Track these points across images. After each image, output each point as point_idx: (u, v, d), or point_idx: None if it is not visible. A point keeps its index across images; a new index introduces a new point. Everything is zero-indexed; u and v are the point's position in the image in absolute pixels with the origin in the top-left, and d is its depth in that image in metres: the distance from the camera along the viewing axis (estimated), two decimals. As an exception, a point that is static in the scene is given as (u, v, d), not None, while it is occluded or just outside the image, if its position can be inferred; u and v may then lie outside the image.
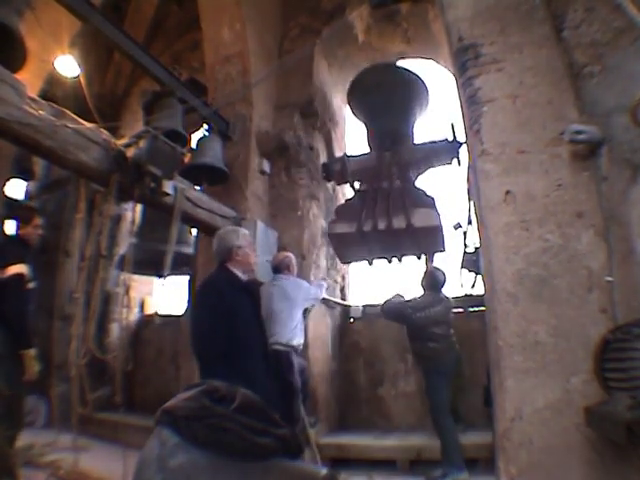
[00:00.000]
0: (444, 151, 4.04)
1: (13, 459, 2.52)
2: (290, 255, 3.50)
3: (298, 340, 3.16)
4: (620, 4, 1.61)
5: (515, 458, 1.57)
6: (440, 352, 3.25)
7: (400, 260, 4.04)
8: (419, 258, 4.00)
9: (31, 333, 2.59)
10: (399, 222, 3.63)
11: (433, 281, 3.49)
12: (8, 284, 2.51)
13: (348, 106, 4.76)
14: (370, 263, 4.14)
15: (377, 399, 4.17)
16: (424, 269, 3.68)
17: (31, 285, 2.70)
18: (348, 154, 4.54)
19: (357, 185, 4.23)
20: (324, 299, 3.84)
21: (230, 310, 2.01)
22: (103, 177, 2.71)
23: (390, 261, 4.04)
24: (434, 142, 4.14)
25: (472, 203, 3.33)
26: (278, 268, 3.41)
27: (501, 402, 1.67)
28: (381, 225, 3.69)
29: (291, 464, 1.05)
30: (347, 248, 3.96)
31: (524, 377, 1.62)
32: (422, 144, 4.23)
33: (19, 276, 2.57)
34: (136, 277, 5.30)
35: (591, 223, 1.68)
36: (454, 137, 4.00)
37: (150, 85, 4.01)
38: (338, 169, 4.30)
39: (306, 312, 3.37)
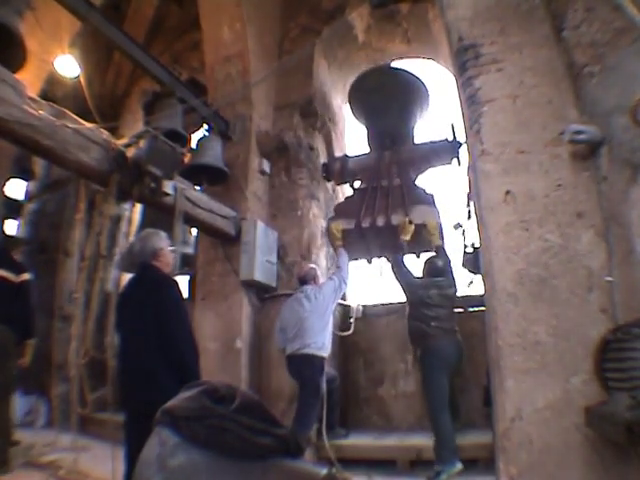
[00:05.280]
0: (444, 151, 4.03)
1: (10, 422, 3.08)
2: (315, 267, 3.67)
3: (326, 349, 3.26)
4: (620, 4, 1.61)
5: (515, 458, 1.58)
6: (441, 339, 3.17)
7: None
8: (418, 257, 3.95)
9: (34, 326, 3.27)
10: (398, 219, 3.63)
11: (431, 269, 3.50)
12: (21, 287, 3.17)
13: (349, 107, 4.77)
14: (369, 262, 4.12)
15: (377, 399, 4.16)
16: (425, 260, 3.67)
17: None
18: (348, 154, 4.55)
19: (357, 184, 4.23)
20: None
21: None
22: (103, 177, 2.71)
23: (389, 260, 3.95)
24: (434, 142, 4.13)
25: (472, 203, 3.32)
26: (305, 279, 3.53)
27: (501, 402, 1.67)
28: (380, 222, 3.70)
29: (291, 464, 1.05)
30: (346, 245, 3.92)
31: (524, 377, 1.62)
32: (422, 144, 4.23)
33: (29, 282, 3.27)
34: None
35: (591, 223, 1.68)
36: (454, 137, 3.99)
37: (150, 85, 4.02)
38: (338, 168, 4.29)
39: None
